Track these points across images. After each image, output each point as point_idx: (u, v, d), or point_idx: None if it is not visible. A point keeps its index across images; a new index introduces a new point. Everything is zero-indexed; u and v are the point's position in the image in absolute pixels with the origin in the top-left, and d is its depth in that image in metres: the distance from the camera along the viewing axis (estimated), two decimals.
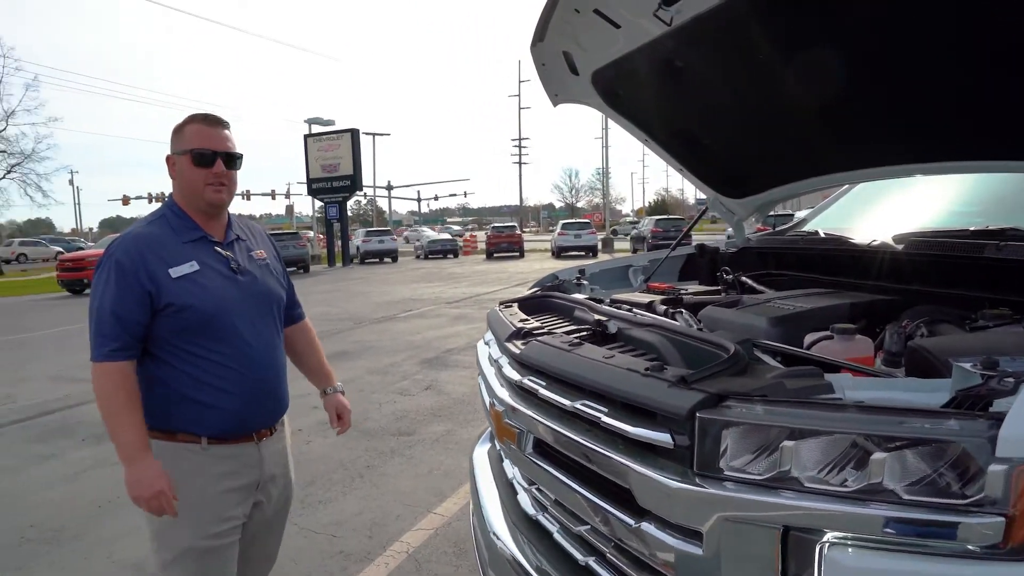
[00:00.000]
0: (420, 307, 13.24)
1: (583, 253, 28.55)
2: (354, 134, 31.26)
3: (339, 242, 31.34)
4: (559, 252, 29.59)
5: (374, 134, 57.10)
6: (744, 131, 2.55)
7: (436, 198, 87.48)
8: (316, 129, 33.52)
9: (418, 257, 34.90)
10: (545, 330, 1.89)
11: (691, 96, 2.47)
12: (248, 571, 2.08)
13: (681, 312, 2.14)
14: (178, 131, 1.91)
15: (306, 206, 53.82)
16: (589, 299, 2.25)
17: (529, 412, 1.65)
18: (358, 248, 32.48)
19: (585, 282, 2.79)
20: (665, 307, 2.21)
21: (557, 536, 1.63)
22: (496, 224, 38.89)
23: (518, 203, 69.07)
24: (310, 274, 25.51)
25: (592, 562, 1.48)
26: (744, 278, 2.63)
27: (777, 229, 3.12)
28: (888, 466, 1.01)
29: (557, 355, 1.61)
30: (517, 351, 1.79)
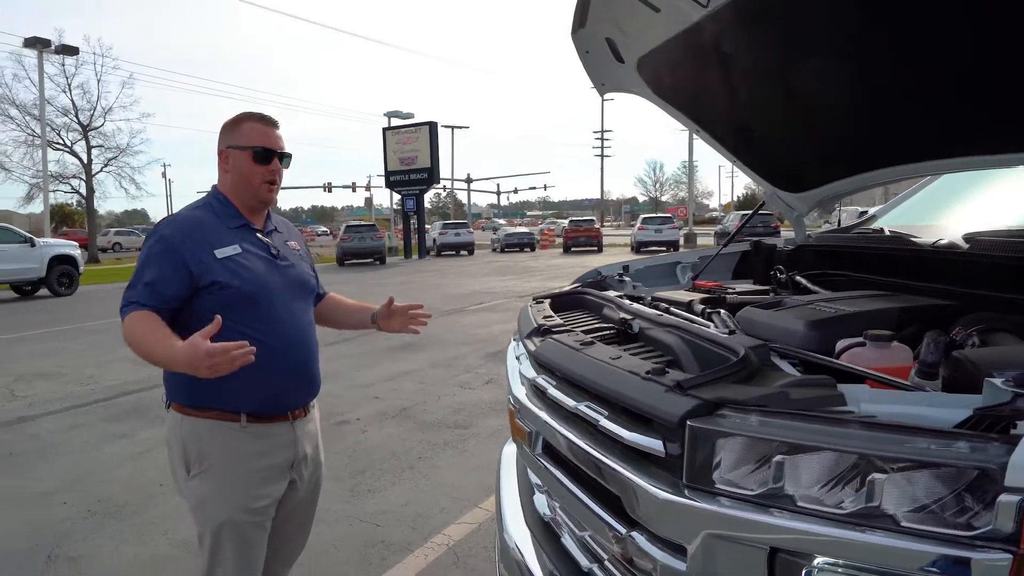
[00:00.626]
0: (491, 300, 13.33)
1: (664, 249, 28.01)
2: (432, 127, 31.78)
3: (416, 234, 31.97)
4: (639, 247, 29.11)
5: (453, 127, 58.01)
6: (799, 119, 2.41)
7: (516, 191, 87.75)
8: (395, 122, 34.29)
9: (494, 250, 35.17)
10: (565, 328, 1.85)
11: (740, 83, 2.35)
12: (282, 550, 2.16)
13: (719, 313, 2.05)
14: (233, 127, 2.01)
15: (385, 198, 55.10)
16: (622, 297, 2.19)
17: (538, 411, 1.62)
18: (435, 240, 33.05)
19: (627, 279, 2.72)
20: (703, 307, 2.12)
21: (565, 540, 1.59)
22: (574, 218, 38.67)
23: (599, 196, 68.52)
24: (386, 266, 26.12)
25: (596, 569, 1.44)
26: (798, 278, 2.50)
27: (843, 226, 2.94)
28: (887, 489, 0.92)
29: (567, 354, 1.57)
30: (533, 348, 1.76)
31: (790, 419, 1.05)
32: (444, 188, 72.32)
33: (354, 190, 55.84)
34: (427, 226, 34.47)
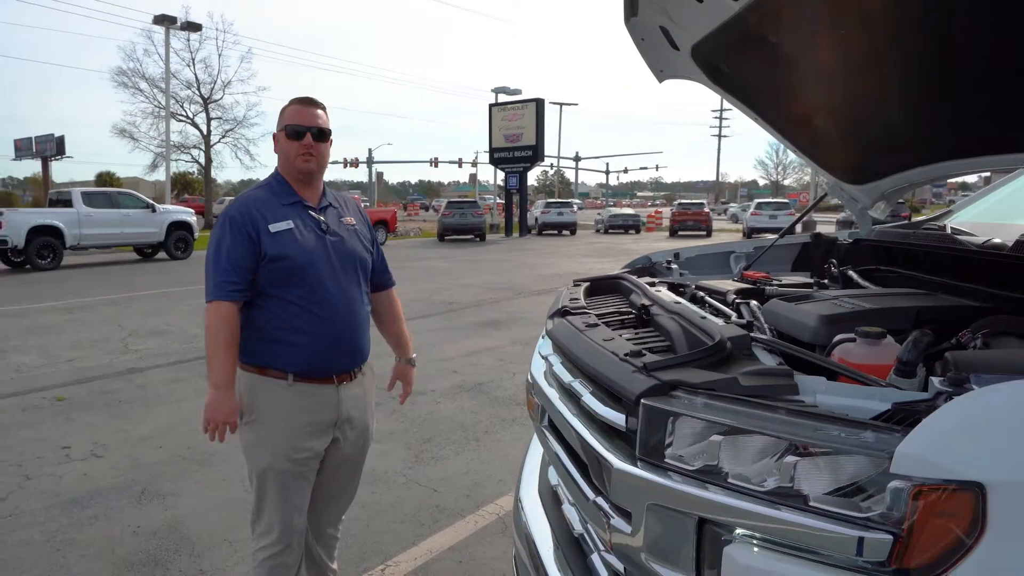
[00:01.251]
0: None
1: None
2: (539, 104, 31.81)
3: (517, 212, 32.30)
4: (751, 233, 28.15)
5: (561, 103, 57.70)
6: (859, 108, 2.39)
7: (626, 171, 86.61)
8: (502, 99, 34.57)
9: (598, 231, 35.01)
10: (582, 310, 1.97)
11: (792, 72, 2.36)
12: (330, 503, 2.43)
13: (748, 304, 2.11)
14: (282, 112, 2.25)
15: (490, 175, 55.87)
16: (651, 283, 2.28)
17: (545, 387, 1.77)
18: (536, 219, 33.25)
19: (675, 266, 2.78)
20: (735, 297, 2.19)
21: (565, 508, 1.74)
22: (682, 200, 37.80)
23: (714, 179, 66.51)
24: (485, 243, 26.61)
25: (584, 534, 1.58)
26: (850, 272, 2.50)
27: (913, 220, 2.87)
28: (800, 471, 1.01)
29: (570, 334, 1.70)
30: (549, 328, 1.90)
31: (730, 403, 1.15)
32: (551, 166, 72.38)
33: (460, 166, 57.02)
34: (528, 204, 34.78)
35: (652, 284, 2.27)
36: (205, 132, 33.79)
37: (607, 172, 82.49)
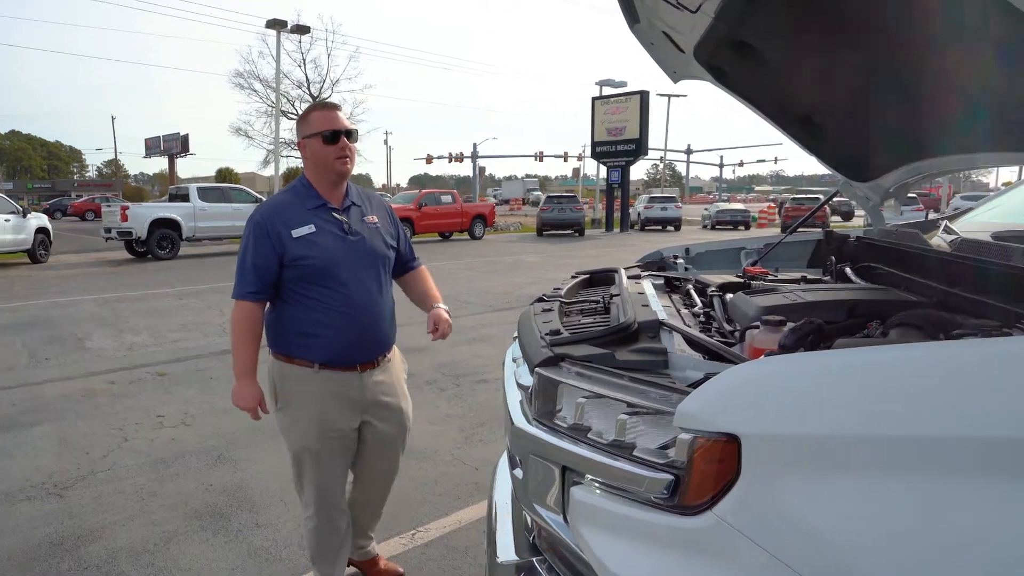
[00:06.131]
0: None
1: None
2: (643, 96, 31.56)
3: (619, 207, 32.22)
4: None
5: (669, 95, 56.76)
6: (851, 106, 2.50)
7: (741, 164, 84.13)
8: (607, 91, 34.50)
9: (704, 227, 34.37)
10: (556, 299, 2.23)
11: (783, 73, 2.50)
12: (373, 480, 2.72)
13: (720, 296, 2.31)
14: (304, 120, 2.40)
15: (594, 169, 55.80)
16: (634, 277, 2.50)
17: (506, 362, 2.05)
18: (639, 214, 33.05)
19: (681, 261, 2.97)
20: (714, 291, 2.38)
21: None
22: (796, 196, 36.47)
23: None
24: (584, 238, 26.77)
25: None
26: (846, 269, 2.62)
27: (928, 219, 2.93)
28: (629, 427, 1.26)
29: (525, 317, 1.98)
30: (523, 311, 2.17)
31: (597, 373, 1.40)
32: (661, 160, 71.34)
33: (565, 160, 57.30)
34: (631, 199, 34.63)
35: (637, 278, 2.49)
36: None
37: (720, 165, 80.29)
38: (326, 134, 2.35)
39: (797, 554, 1.02)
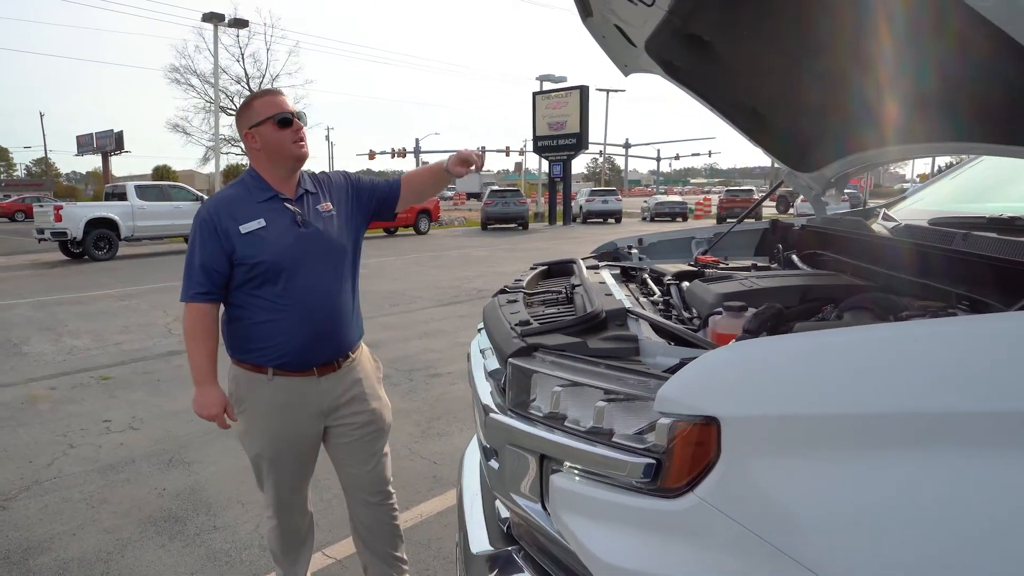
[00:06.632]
0: None
1: None
2: (583, 91, 31.82)
3: (561, 201, 32.46)
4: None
5: (608, 90, 57.28)
6: (794, 98, 2.56)
7: (677, 157, 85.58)
8: (547, 86, 34.65)
9: (644, 219, 34.91)
10: (518, 289, 2.23)
11: (730, 66, 2.54)
12: (351, 489, 2.50)
13: (677, 284, 2.34)
14: (246, 110, 2.23)
15: (536, 163, 56.07)
16: (595, 267, 2.52)
17: (473, 352, 2.04)
18: (581, 207, 33.36)
19: (635, 251, 3.01)
20: (670, 279, 2.41)
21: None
22: (731, 188, 37.40)
23: (770, 165, 65.20)
24: (528, 231, 26.86)
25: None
26: (793, 256, 2.69)
27: (869, 207, 3.03)
28: (607, 414, 1.26)
29: (491, 309, 1.97)
30: (487, 303, 2.16)
31: (572, 361, 1.40)
32: (600, 154, 72.01)
33: (507, 154, 57.29)
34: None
35: (595, 268, 2.51)
36: None
37: (657, 159, 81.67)
38: (277, 118, 2.19)
39: (774, 528, 1.05)
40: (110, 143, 35.73)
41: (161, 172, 49.36)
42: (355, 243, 2.40)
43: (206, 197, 19.28)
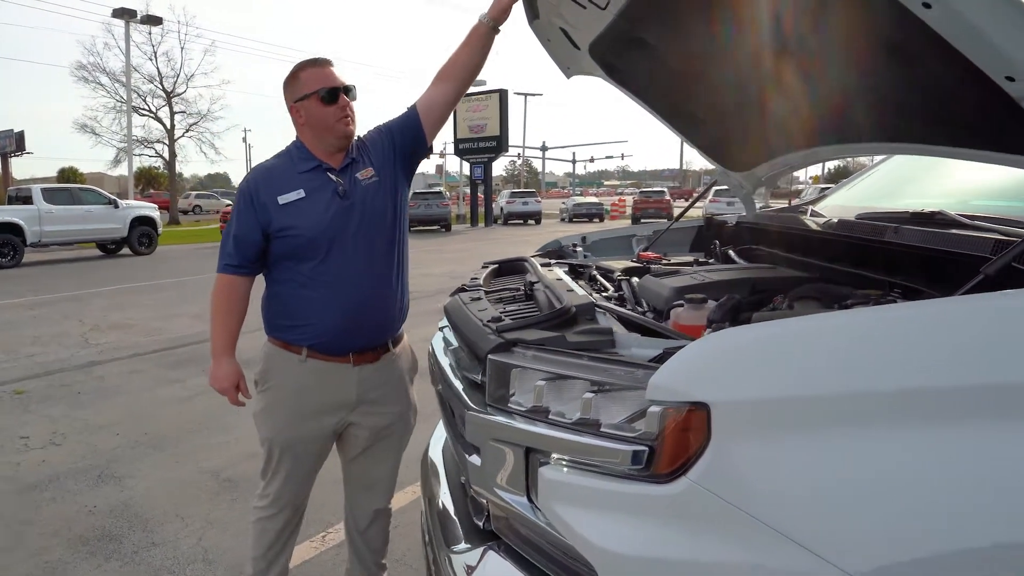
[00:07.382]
0: None
1: None
2: (502, 94, 31.99)
3: (483, 203, 32.52)
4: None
5: (526, 94, 57.88)
6: (730, 102, 2.65)
7: (592, 160, 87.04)
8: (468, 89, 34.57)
9: (563, 220, 35.35)
10: (477, 287, 2.21)
11: (670, 68, 2.61)
12: (360, 491, 2.38)
13: (628, 280, 2.37)
14: (293, 81, 2.10)
15: (457, 166, 56.01)
16: (547, 264, 2.53)
17: (438, 352, 2.01)
18: (502, 209, 33.53)
19: (580, 249, 3.04)
20: (619, 275, 2.45)
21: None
22: (644, 189, 38.41)
23: (678, 167, 67.27)
24: (451, 233, 26.78)
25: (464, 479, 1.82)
26: (729, 251, 2.78)
27: (793, 204, 3.17)
28: (595, 404, 1.27)
29: (456, 307, 1.95)
30: (446, 303, 2.14)
31: (553, 355, 1.40)
32: (518, 156, 72.62)
33: (428, 157, 56.86)
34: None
35: (547, 265, 2.52)
36: (169, 126, 33.31)
37: (574, 161, 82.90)
38: (323, 93, 2.05)
39: (765, 506, 1.08)
40: (10, 144, 33.25)
41: (67, 175, 46.50)
42: (398, 209, 2.21)
43: (120, 201, 18.44)
